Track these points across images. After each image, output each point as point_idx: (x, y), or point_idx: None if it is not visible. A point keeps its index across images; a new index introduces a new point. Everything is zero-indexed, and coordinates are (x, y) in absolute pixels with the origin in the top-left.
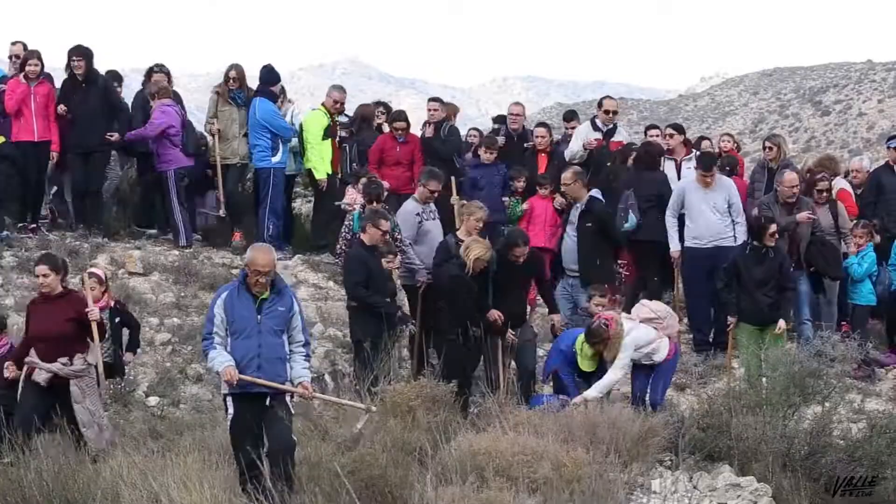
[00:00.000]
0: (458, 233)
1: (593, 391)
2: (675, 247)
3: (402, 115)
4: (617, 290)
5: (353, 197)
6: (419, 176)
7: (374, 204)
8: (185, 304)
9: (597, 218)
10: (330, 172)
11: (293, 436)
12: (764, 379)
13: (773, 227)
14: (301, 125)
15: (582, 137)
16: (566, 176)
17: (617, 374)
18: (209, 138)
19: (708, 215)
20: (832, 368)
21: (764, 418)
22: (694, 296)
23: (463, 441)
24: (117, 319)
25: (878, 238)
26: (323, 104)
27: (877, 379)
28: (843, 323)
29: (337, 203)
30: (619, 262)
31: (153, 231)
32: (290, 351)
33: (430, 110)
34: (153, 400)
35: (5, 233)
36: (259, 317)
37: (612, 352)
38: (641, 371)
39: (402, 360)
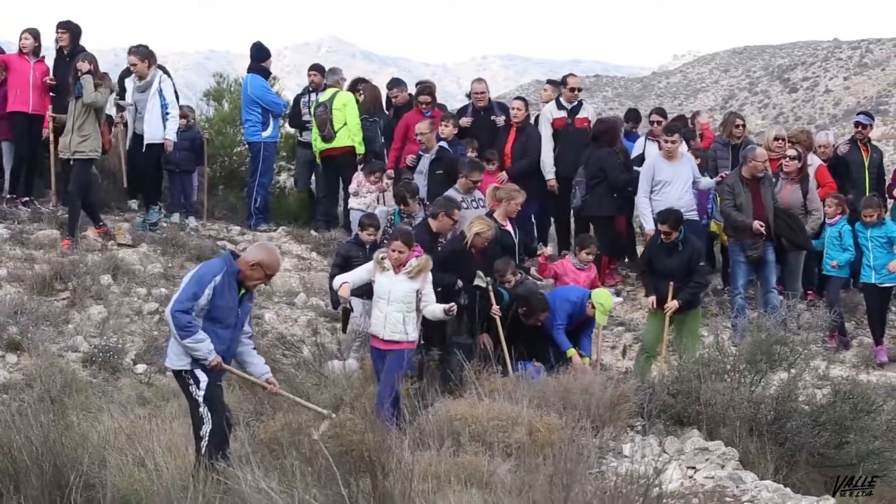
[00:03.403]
0: (495, 215)
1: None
2: (649, 226)
3: (426, 89)
4: None
5: (359, 181)
6: (460, 167)
7: (404, 206)
8: (172, 275)
9: (446, 164)
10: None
11: None
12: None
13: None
14: (330, 103)
15: (547, 117)
16: (422, 126)
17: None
18: (46, 131)
19: (679, 189)
20: (798, 336)
21: (731, 384)
22: None
23: (440, 407)
24: None
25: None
26: (337, 87)
27: (843, 347)
28: (808, 291)
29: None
30: None
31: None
32: (241, 350)
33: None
34: (140, 367)
35: None
36: (238, 310)
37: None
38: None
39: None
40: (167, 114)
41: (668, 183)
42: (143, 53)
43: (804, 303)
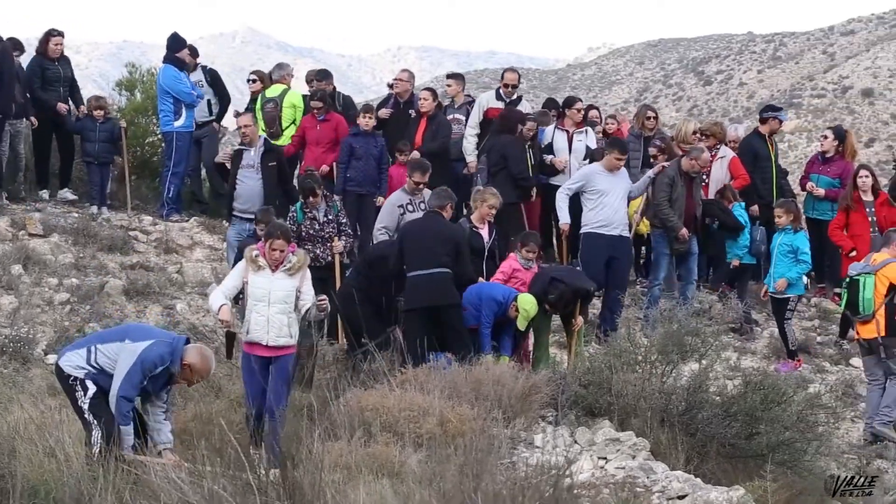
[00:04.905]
0: (472, 217)
1: None
2: (564, 219)
3: (317, 94)
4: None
5: None
6: (407, 167)
7: (311, 199)
8: (83, 265)
9: (277, 156)
10: None
11: None
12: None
13: None
14: (281, 100)
15: (483, 104)
16: (244, 119)
17: None
18: None
19: (617, 201)
20: (710, 328)
21: (643, 375)
22: (614, 296)
23: (351, 398)
24: None
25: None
26: (284, 83)
27: (753, 337)
28: (724, 284)
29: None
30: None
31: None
32: (151, 411)
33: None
34: (51, 358)
35: None
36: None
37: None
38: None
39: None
40: None
41: (606, 194)
42: None
43: (716, 294)
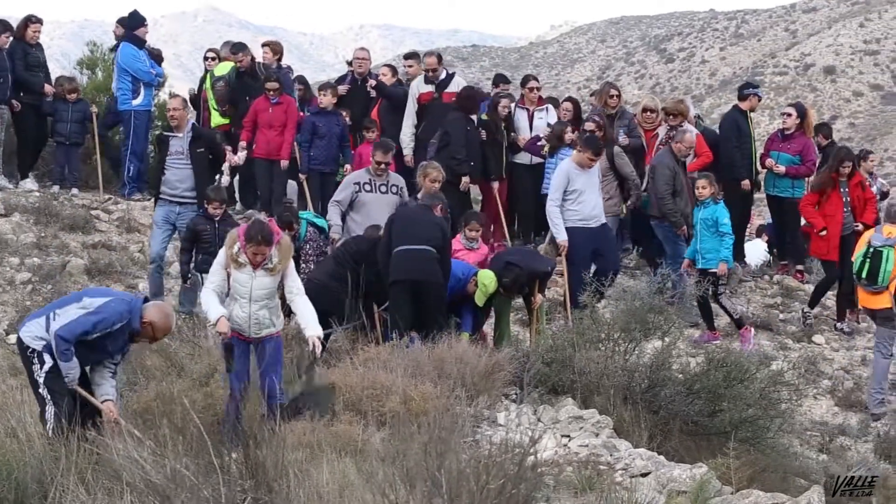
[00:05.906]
0: (419, 194)
1: None
2: (562, 235)
3: (272, 75)
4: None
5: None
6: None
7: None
8: (45, 245)
9: (206, 141)
10: None
11: None
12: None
13: None
14: (230, 78)
15: (414, 92)
16: (174, 102)
17: None
18: None
19: (594, 196)
20: (673, 305)
21: (606, 353)
22: (578, 277)
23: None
24: None
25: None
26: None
27: (715, 314)
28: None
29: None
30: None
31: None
32: (98, 371)
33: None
34: (13, 338)
35: None
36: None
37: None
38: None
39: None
40: None
41: (583, 192)
42: None
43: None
